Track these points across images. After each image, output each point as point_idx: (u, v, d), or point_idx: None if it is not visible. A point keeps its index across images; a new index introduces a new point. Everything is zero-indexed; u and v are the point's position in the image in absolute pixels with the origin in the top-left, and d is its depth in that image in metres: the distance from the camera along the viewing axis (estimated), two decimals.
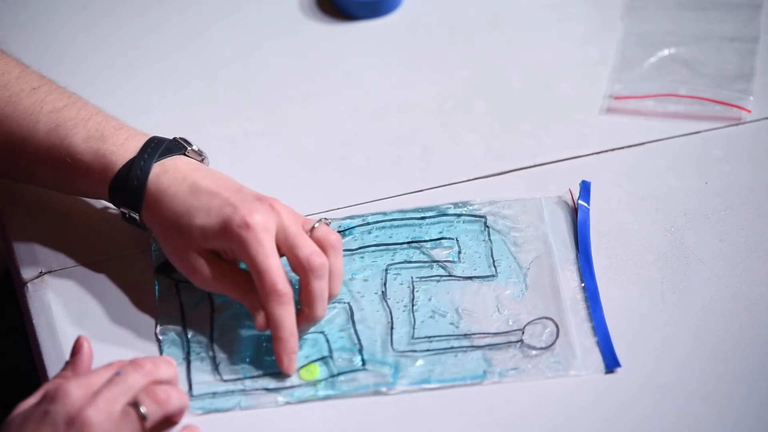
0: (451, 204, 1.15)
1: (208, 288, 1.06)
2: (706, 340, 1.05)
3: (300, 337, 1.05)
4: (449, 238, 1.13)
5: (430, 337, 1.07)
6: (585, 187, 1.14)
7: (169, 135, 1.10)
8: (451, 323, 1.07)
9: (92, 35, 1.32)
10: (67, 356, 1.03)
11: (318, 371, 1.05)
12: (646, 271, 1.10)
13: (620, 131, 1.22)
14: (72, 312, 1.08)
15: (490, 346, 1.06)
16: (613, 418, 1.01)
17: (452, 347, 1.06)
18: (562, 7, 1.34)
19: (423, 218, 1.14)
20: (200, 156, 1.11)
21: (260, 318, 1.04)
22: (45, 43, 1.31)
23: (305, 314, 1.05)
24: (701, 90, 1.23)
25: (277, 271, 1.03)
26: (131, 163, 1.07)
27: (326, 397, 1.03)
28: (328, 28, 1.33)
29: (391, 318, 1.08)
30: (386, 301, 1.09)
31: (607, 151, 1.20)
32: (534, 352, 1.05)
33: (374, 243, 1.13)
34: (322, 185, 1.19)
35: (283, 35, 1.33)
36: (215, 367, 1.06)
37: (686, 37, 1.29)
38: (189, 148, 1.10)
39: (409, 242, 1.13)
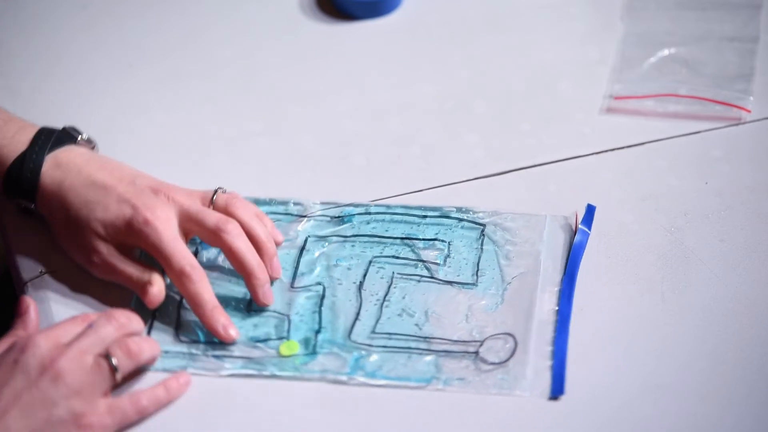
0: (455, 207, 1.15)
1: (107, 276, 1.09)
2: (706, 340, 1.05)
3: (264, 314, 1.08)
4: (442, 241, 1.13)
5: (390, 333, 1.06)
6: (589, 211, 1.12)
7: (169, 133, 1.10)
8: (416, 324, 1.07)
9: (92, 35, 1.32)
10: None
11: (297, 348, 1.06)
12: (646, 271, 1.10)
13: (620, 131, 1.22)
14: (72, 312, 1.08)
15: (446, 353, 1.05)
16: (613, 418, 1.01)
17: (409, 347, 1.05)
18: (562, 7, 1.34)
19: (424, 217, 1.14)
20: (90, 144, 1.13)
21: (153, 291, 1.07)
22: (45, 43, 1.31)
23: (248, 275, 1.07)
24: (701, 90, 1.23)
25: (182, 252, 1.06)
26: (23, 156, 1.10)
27: (272, 376, 1.03)
28: (328, 28, 1.33)
29: (360, 309, 1.08)
30: (361, 292, 1.09)
31: (607, 151, 1.20)
32: (486, 366, 1.03)
33: (368, 233, 1.13)
34: (322, 185, 1.19)
35: (283, 35, 1.33)
36: (176, 328, 1.07)
37: (686, 37, 1.29)
38: (79, 137, 1.12)
39: (402, 238, 1.13)
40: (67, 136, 1.11)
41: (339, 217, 1.14)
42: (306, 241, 1.13)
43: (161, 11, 1.35)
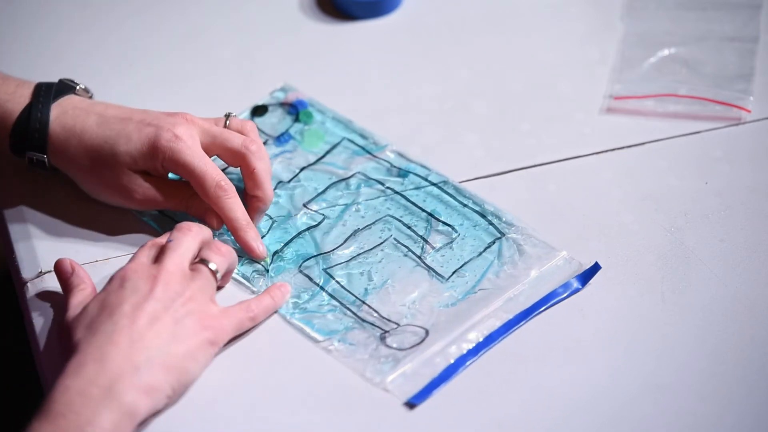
0: (493, 209, 1.13)
1: (149, 206, 1.11)
2: (706, 340, 1.05)
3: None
4: (457, 232, 1.12)
5: (337, 282, 1.08)
6: (593, 269, 1.08)
7: None
8: (366, 288, 1.07)
9: (92, 35, 1.32)
10: None
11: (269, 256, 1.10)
12: (646, 271, 1.10)
13: (620, 131, 1.22)
14: None
15: (363, 321, 1.05)
16: (613, 417, 1.01)
17: (339, 303, 1.06)
18: (562, 7, 1.34)
19: (464, 206, 1.14)
20: (88, 93, 1.14)
21: (212, 220, 1.09)
22: (45, 42, 1.31)
23: (258, 197, 1.10)
24: (701, 90, 1.23)
25: (215, 170, 1.08)
26: (29, 108, 1.10)
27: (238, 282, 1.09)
28: (328, 28, 1.33)
29: (334, 249, 1.10)
30: (350, 238, 1.11)
31: (607, 151, 1.20)
32: (383, 349, 1.03)
33: (405, 195, 1.14)
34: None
35: (283, 35, 1.33)
36: None
37: (686, 37, 1.29)
38: (78, 87, 1.13)
39: (429, 213, 1.13)
40: (66, 87, 1.13)
41: (398, 168, 1.16)
42: (353, 175, 1.16)
43: (161, 11, 1.35)
